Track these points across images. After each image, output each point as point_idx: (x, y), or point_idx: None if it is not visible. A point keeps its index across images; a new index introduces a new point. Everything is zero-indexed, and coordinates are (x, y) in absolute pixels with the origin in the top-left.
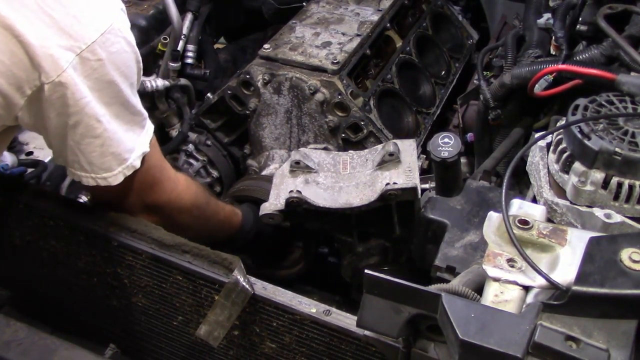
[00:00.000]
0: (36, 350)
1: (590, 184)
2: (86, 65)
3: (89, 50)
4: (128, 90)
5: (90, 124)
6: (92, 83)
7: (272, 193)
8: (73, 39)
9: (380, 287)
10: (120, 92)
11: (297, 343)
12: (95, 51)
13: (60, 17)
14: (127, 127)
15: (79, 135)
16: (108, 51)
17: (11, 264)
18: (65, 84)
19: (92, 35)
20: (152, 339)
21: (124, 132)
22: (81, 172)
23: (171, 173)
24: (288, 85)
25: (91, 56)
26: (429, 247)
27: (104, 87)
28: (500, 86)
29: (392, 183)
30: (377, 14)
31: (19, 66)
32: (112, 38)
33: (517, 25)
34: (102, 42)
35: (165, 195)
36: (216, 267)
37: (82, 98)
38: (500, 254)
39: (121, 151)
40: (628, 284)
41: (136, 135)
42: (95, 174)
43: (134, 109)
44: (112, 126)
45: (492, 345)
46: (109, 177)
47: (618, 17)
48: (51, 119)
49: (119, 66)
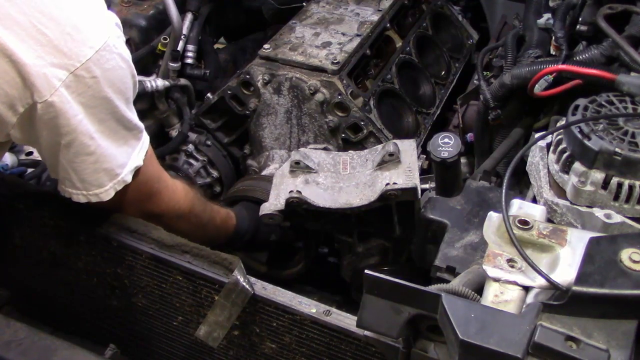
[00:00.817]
0: (36, 350)
1: (590, 184)
2: (80, 83)
3: (84, 68)
4: (123, 106)
5: (84, 141)
6: (86, 100)
7: (272, 193)
8: (67, 57)
9: (380, 287)
10: (115, 108)
11: (297, 343)
12: (89, 69)
13: (55, 35)
14: (122, 142)
15: (72, 154)
16: (103, 68)
17: (11, 264)
18: (58, 103)
19: (86, 53)
20: (152, 339)
21: (116, 148)
22: (72, 189)
23: (169, 182)
24: (288, 86)
25: (85, 74)
26: (429, 247)
27: (98, 104)
28: (500, 86)
29: (392, 183)
30: (377, 14)
31: (11, 84)
32: (107, 55)
33: (517, 25)
34: (97, 60)
35: (163, 205)
36: (216, 267)
37: (74, 116)
38: (500, 254)
39: (113, 167)
40: (628, 284)
41: (131, 149)
42: (87, 191)
43: (130, 124)
44: (105, 142)
45: (492, 345)
46: (101, 193)
47: (618, 17)
48: (44, 137)
49: (113, 82)
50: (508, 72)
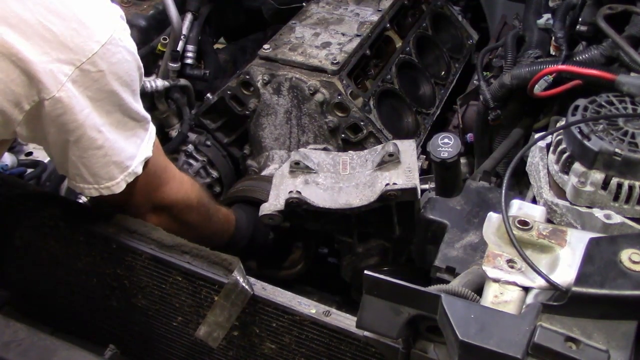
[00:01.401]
0: (36, 351)
1: (590, 185)
2: (87, 77)
3: (90, 62)
4: (130, 98)
5: (92, 136)
6: (93, 93)
7: (272, 193)
8: (73, 52)
9: (379, 287)
10: (121, 101)
11: (296, 344)
12: (96, 63)
13: (60, 31)
14: (130, 134)
15: (81, 149)
16: (109, 62)
17: (11, 265)
18: (65, 98)
19: (92, 47)
20: (152, 340)
21: (125, 140)
22: (83, 184)
23: (176, 172)
24: (288, 86)
25: (92, 68)
26: (428, 248)
27: (104, 97)
28: (500, 86)
29: (392, 183)
30: (377, 14)
31: (16, 82)
32: (113, 49)
33: (517, 25)
34: (103, 54)
35: (172, 195)
36: (216, 268)
37: (81, 111)
38: (500, 254)
39: (123, 159)
40: (628, 284)
41: (140, 140)
42: (98, 184)
43: (137, 115)
44: (113, 135)
45: (492, 346)
46: (112, 186)
47: (618, 17)
48: (52, 134)
49: (120, 76)
50: (508, 72)
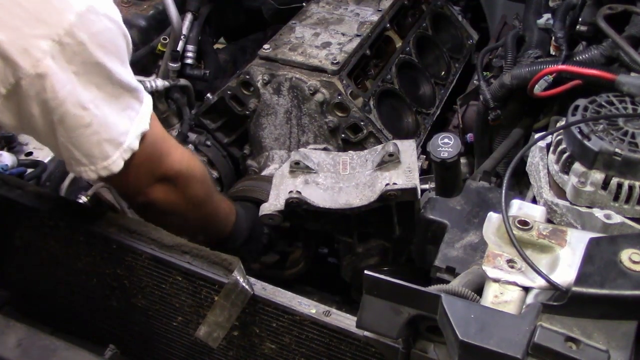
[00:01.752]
0: (36, 351)
1: (590, 185)
2: (67, 51)
3: (68, 34)
4: (118, 68)
5: (77, 113)
6: (77, 68)
7: (272, 193)
8: (48, 25)
9: (379, 287)
10: (109, 72)
11: (296, 344)
12: (74, 35)
13: (33, 6)
14: (123, 106)
15: (67, 129)
16: (90, 32)
17: (11, 265)
18: (44, 75)
19: (69, 18)
20: (152, 340)
21: (117, 114)
22: (79, 166)
23: (176, 142)
24: (288, 86)
25: (71, 40)
26: (428, 248)
27: (90, 70)
28: (500, 87)
29: (392, 183)
30: (377, 14)
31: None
32: (93, 17)
33: (517, 25)
34: (82, 24)
35: (176, 165)
36: (216, 268)
37: (63, 87)
38: (500, 254)
39: (115, 135)
40: (628, 284)
41: (134, 112)
42: (94, 165)
43: (129, 86)
44: (103, 110)
45: (492, 346)
46: (109, 165)
47: (618, 17)
48: (35, 117)
49: (104, 45)
50: (508, 72)
